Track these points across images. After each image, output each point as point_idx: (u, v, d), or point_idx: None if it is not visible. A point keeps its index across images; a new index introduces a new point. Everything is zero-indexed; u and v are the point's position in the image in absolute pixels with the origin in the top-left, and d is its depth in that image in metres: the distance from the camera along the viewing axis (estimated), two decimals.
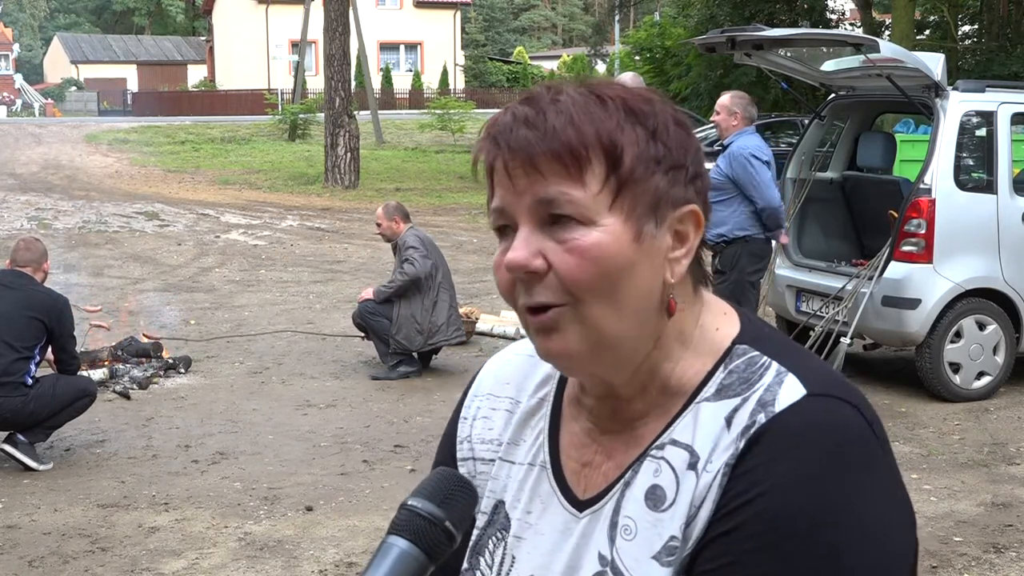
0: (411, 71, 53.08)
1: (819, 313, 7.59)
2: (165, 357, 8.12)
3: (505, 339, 8.87)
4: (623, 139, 1.04)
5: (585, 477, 1.15)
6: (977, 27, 26.44)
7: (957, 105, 7.24)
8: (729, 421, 1.05)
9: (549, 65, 55.53)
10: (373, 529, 5.04)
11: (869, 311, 7.20)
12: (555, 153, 1.03)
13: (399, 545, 1.00)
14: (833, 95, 8.23)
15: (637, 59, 29.51)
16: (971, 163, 7.78)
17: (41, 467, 5.92)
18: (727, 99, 7.07)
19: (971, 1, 26.40)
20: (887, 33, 22.77)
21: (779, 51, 7.68)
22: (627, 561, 1.08)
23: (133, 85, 59.98)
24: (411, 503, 1.03)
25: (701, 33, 14.17)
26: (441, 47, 54.52)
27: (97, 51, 64.32)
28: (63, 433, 6.30)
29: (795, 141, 9.53)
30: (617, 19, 38.66)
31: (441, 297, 7.84)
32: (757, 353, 1.09)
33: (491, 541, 1.21)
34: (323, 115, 23.07)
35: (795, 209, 8.05)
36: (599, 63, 42.74)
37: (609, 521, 1.11)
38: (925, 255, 7.10)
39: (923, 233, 7.09)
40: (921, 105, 7.38)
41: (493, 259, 1.09)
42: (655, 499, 1.08)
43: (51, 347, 6.04)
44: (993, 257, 7.29)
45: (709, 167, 1.19)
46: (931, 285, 7.11)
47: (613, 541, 1.10)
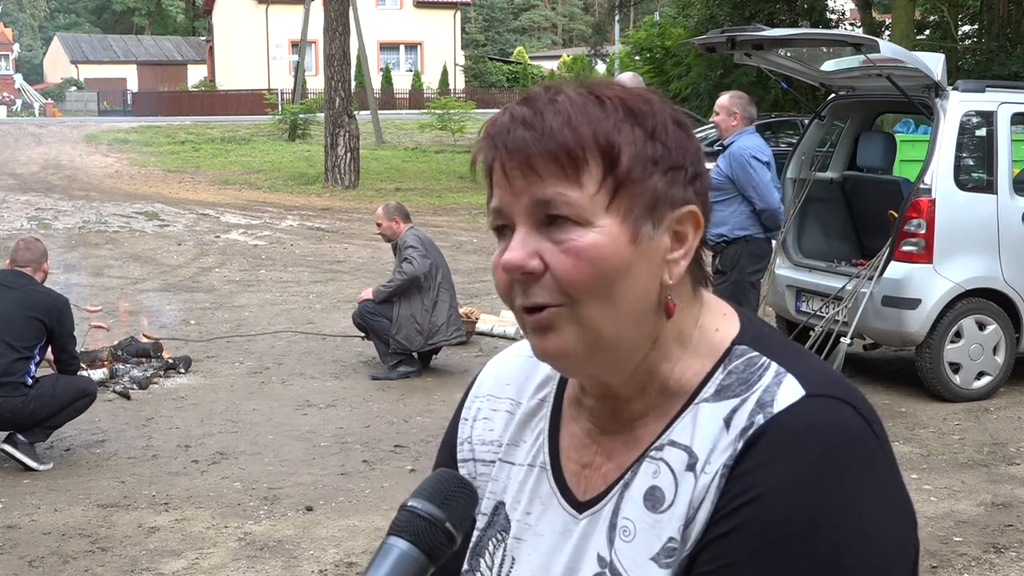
0: (411, 71, 53.08)
1: (819, 313, 7.59)
2: (165, 357, 8.12)
3: (505, 339, 8.87)
4: (620, 140, 1.04)
5: (585, 478, 1.15)
6: (977, 27, 26.44)
7: (957, 105, 7.25)
8: (728, 422, 1.05)
9: (549, 65, 55.54)
10: (373, 529, 5.04)
11: (869, 311, 7.20)
12: (552, 154, 1.03)
13: (399, 546, 1.00)
14: (833, 95, 8.23)
15: (637, 59, 29.53)
16: (971, 163, 7.78)
17: (41, 467, 5.92)
18: (726, 99, 7.08)
19: (971, 1, 26.41)
20: (887, 33, 22.77)
21: (779, 51, 7.68)
22: (626, 563, 1.08)
23: (133, 85, 59.98)
24: (411, 504, 1.03)
25: (701, 33, 14.17)
26: (441, 47, 54.53)
27: (97, 51, 64.31)
28: (63, 433, 6.31)
29: (795, 141, 9.52)
30: (617, 19, 38.67)
31: (441, 297, 7.84)
32: (756, 354, 1.08)
33: (491, 542, 1.20)
34: (323, 115, 23.07)
35: (795, 209, 8.05)
36: (599, 63, 42.74)
37: (608, 522, 1.10)
38: (925, 255, 7.10)
39: (923, 233, 7.09)
40: (921, 105, 7.38)
41: (492, 259, 1.08)
42: (654, 500, 1.07)
43: (51, 347, 6.04)
44: (993, 257, 7.29)
45: (709, 167, 1.19)
46: (931, 285, 7.11)
47: (612, 542, 1.09)
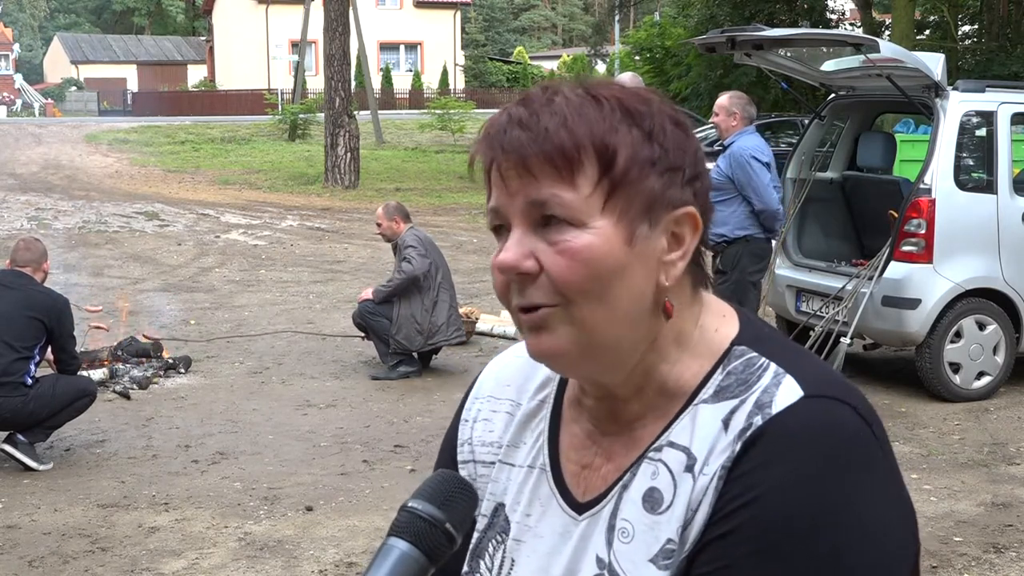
0: (411, 71, 53.09)
1: (819, 313, 7.59)
2: (165, 357, 8.12)
3: (505, 339, 8.87)
4: (616, 141, 1.04)
5: (585, 479, 1.14)
6: (977, 27, 26.45)
7: (957, 105, 7.24)
8: (726, 423, 1.04)
9: (549, 65, 55.55)
10: (373, 529, 5.04)
11: (869, 311, 7.20)
12: (547, 155, 1.03)
13: (399, 547, 1.00)
14: (833, 95, 8.23)
15: (637, 59, 29.53)
16: (971, 163, 7.78)
17: (41, 467, 5.92)
18: (725, 100, 7.08)
19: (971, 1, 26.41)
20: (887, 33, 22.77)
21: (779, 51, 7.68)
22: (624, 564, 1.07)
23: (133, 85, 59.97)
24: (411, 505, 1.03)
25: (701, 33, 14.17)
26: (441, 47, 54.53)
27: (97, 51, 64.31)
28: (63, 433, 6.31)
29: (795, 141, 9.52)
30: (617, 19, 38.67)
31: (441, 297, 7.84)
32: (755, 354, 1.08)
33: (491, 544, 1.20)
34: (323, 115, 23.07)
35: (795, 209, 8.05)
36: (599, 63, 42.74)
37: (607, 524, 1.10)
38: (925, 255, 7.10)
39: (923, 233, 7.09)
40: (921, 105, 7.38)
41: (491, 259, 1.08)
42: (652, 502, 1.07)
43: (51, 347, 6.04)
44: (993, 257, 7.29)
45: (709, 167, 1.18)
46: (931, 285, 7.11)
47: (611, 544, 1.09)
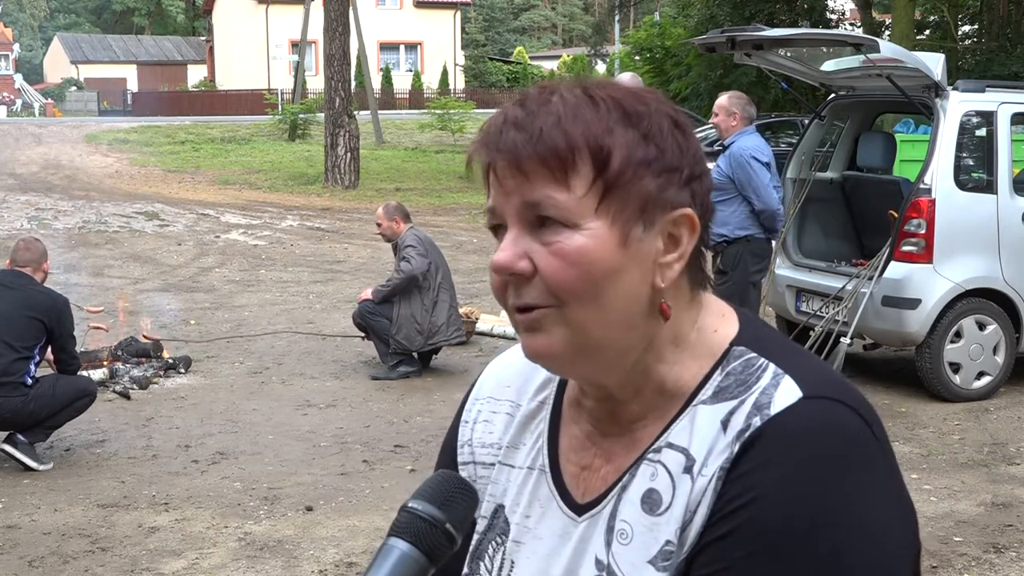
0: (411, 71, 53.08)
1: (819, 313, 7.59)
2: (165, 357, 8.12)
3: (505, 339, 8.87)
4: (611, 142, 1.03)
5: (584, 481, 1.14)
6: (977, 27, 26.44)
7: (957, 105, 7.24)
8: (725, 424, 1.04)
9: (549, 65, 55.55)
10: (373, 529, 5.04)
11: (869, 311, 7.20)
12: (541, 156, 1.02)
13: (400, 547, 1.00)
14: (833, 95, 8.23)
15: (637, 59, 29.51)
16: (971, 163, 7.78)
17: (41, 467, 5.92)
18: (725, 100, 7.08)
19: (971, 1, 26.40)
20: (887, 33, 22.77)
21: (779, 51, 7.68)
22: (623, 566, 1.07)
23: (133, 85, 59.96)
24: (412, 505, 1.03)
25: (701, 33, 14.17)
26: (441, 47, 54.52)
27: (97, 51, 64.30)
28: (63, 433, 6.31)
29: (795, 141, 9.52)
30: (617, 19, 38.66)
31: (441, 297, 7.84)
32: (754, 355, 1.08)
33: (491, 546, 1.20)
34: (323, 115, 23.07)
35: (795, 209, 8.05)
36: (599, 63, 42.74)
37: (606, 525, 1.10)
38: (925, 255, 7.10)
39: (923, 233, 7.09)
40: (921, 105, 7.38)
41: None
42: (651, 503, 1.07)
43: (51, 347, 6.04)
44: (993, 257, 7.29)
45: (709, 167, 1.18)
46: (931, 285, 7.11)
47: (609, 546, 1.09)
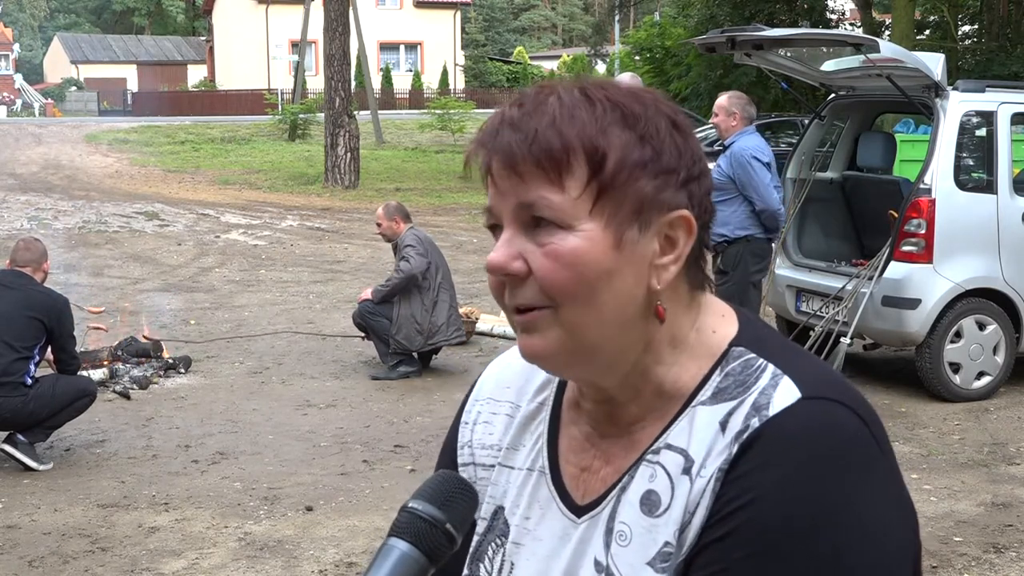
0: (411, 71, 53.08)
1: (819, 313, 7.59)
2: (165, 357, 8.12)
3: (505, 339, 8.86)
4: (607, 143, 1.03)
5: (584, 482, 1.14)
6: (977, 27, 26.44)
7: (957, 105, 7.25)
8: (724, 425, 1.04)
9: (549, 65, 55.55)
10: (373, 529, 5.05)
11: (869, 311, 7.20)
12: (535, 157, 1.02)
13: (400, 547, 1.00)
14: (833, 95, 8.23)
15: (637, 59, 29.52)
16: (971, 163, 7.78)
17: (41, 467, 5.92)
18: (725, 100, 7.08)
19: (971, 1, 26.40)
20: (887, 33, 22.77)
21: (779, 51, 7.68)
22: (622, 567, 1.07)
23: (133, 85, 59.96)
24: (412, 505, 1.03)
25: (701, 33, 14.17)
26: (441, 47, 54.52)
27: (97, 51, 64.29)
28: (63, 433, 6.31)
29: (795, 141, 9.52)
30: (617, 19, 38.66)
31: (441, 297, 7.84)
32: (753, 355, 1.07)
33: (490, 547, 1.19)
34: (323, 115, 23.07)
35: (795, 209, 8.05)
36: (599, 63, 42.74)
37: (605, 527, 1.10)
38: (925, 255, 7.10)
39: (923, 233, 7.09)
40: (921, 105, 7.38)
41: None
42: (650, 504, 1.06)
43: (51, 347, 6.04)
44: (993, 257, 7.29)
45: (709, 167, 1.18)
46: (931, 285, 7.11)
47: (608, 547, 1.09)
